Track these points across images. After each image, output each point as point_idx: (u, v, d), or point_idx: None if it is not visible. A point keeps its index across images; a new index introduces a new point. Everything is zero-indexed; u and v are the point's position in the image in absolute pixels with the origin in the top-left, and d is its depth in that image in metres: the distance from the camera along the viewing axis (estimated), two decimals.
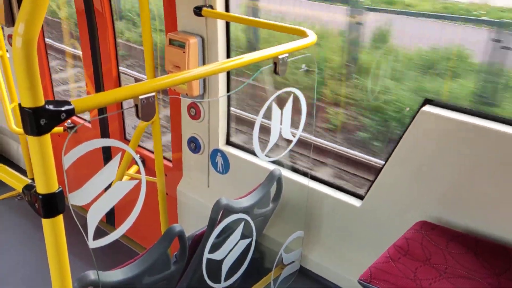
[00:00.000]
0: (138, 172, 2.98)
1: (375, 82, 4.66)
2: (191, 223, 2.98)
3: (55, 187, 1.15)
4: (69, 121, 3.87)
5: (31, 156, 1.13)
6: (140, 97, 1.30)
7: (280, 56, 1.68)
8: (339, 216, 2.31)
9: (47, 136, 1.11)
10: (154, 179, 2.70)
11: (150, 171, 3.01)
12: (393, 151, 2.01)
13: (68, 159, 1.19)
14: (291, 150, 2.01)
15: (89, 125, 3.78)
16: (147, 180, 1.41)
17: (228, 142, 2.80)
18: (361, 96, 4.70)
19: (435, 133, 1.88)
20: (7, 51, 3.77)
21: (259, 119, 1.74)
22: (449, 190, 1.90)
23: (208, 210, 1.97)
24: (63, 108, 1.11)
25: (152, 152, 3.52)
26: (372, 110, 4.62)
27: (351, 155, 4.35)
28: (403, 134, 1.96)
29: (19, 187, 1.24)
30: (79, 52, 6.07)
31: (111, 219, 3.71)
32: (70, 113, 1.13)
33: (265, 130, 1.81)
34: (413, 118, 1.91)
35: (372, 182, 2.13)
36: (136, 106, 1.33)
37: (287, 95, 1.83)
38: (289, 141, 1.97)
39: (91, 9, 3.26)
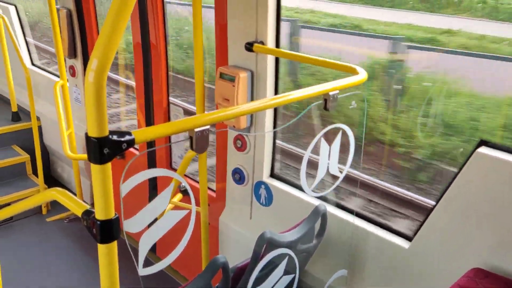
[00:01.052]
0: (181, 200, 3.04)
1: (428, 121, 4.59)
2: (232, 254, 2.98)
3: (112, 214, 1.20)
4: None
5: (92, 183, 1.18)
6: (196, 130, 1.35)
7: (330, 93, 1.70)
8: (386, 257, 2.24)
9: (109, 165, 1.17)
10: (197, 208, 2.73)
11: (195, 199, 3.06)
12: (445, 191, 1.95)
13: (126, 187, 1.24)
14: (337, 186, 1.99)
15: (137, 152, 3.91)
16: (189, 209, 1.43)
17: (272, 175, 2.81)
18: (412, 133, 4.62)
19: (491, 176, 1.82)
20: (67, 80, 4.01)
21: (307, 154, 1.75)
22: (505, 236, 1.81)
23: (250, 242, 1.97)
24: (124, 139, 1.17)
25: (194, 180, 3.59)
26: (423, 148, 4.53)
27: (399, 193, 4.24)
28: (456, 175, 1.91)
29: (78, 212, 1.30)
30: (129, 82, 6.35)
31: (152, 246, 3.76)
32: (130, 143, 1.19)
33: (309, 164, 1.82)
34: (468, 158, 1.86)
35: (422, 223, 2.07)
36: (191, 138, 1.37)
37: (336, 131, 1.83)
38: (336, 177, 1.95)
39: (147, 42, 3.43)
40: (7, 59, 4.69)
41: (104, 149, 1.13)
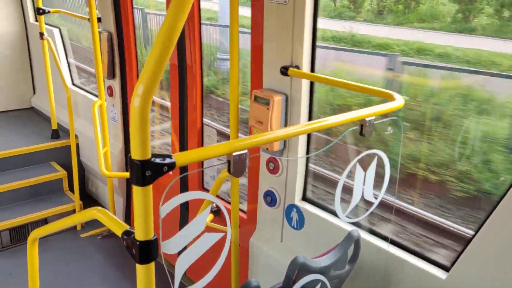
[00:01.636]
0: (212, 221, 3.06)
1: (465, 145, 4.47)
2: (262, 277, 2.96)
3: (151, 235, 1.22)
4: None
5: (134, 204, 1.22)
6: (234, 154, 1.37)
7: (367, 119, 1.70)
8: (421, 287, 2.18)
9: (150, 187, 1.20)
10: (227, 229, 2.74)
11: (223, 220, 3.08)
12: (485, 221, 1.90)
13: (165, 209, 1.27)
14: (371, 212, 1.97)
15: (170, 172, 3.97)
16: (220, 230, 1.45)
17: (305, 198, 2.80)
18: (449, 158, 4.51)
19: None
20: (105, 100, 4.15)
21: (342, 180, 1.74)
22: None
23: (280, 265, 1.96)
24: (165, 162, 1.20)
25: (224, 199, 3.61)
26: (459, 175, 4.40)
27: (434, 221, 4.13)
28: (497, 204, 1.85)
29: (118, 232, 1.33)
30: (163, 102, 6.48)
31: None
32: (171, 166, 1.22)
33: (334, 186, 1.80)
34: (510, 187, 1.80)
35: (460, 252, 2.01)
36: (228, 162, 1.40)
37: (371, 157, 1.82)
38: (370, 203, 1.93)
39: (183, 63, 3.52)
40: (49, 79, 4.91)
41: (147, 171, 1.16)
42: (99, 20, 4.02)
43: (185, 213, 3.75)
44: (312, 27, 2.44)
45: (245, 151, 1.39)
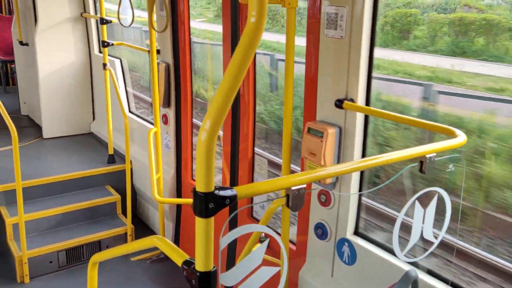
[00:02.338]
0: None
1: None
2: None
3: (211, 266, 1.24)
4: None
5: (196, 235, 1.25)
6: (293, 188, 1.38)
7: (427, 155, 1.67)
8: None
9: (212, 219, 1.23)
10: (277, 261, 2.72)
11: (272, 251, 3.06)
12: None
13: (225, 240, 1.29)
14: (431, 252, 1.90)
15: None
16: (270, 261, 1.44)
17: (357, 232, 2.74)
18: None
19: None
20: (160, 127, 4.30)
21: (400, 217, 1.70)
22: None
23: None
24: (228, 194, 1.23)
25: (272, 228, 3.59)
26: None
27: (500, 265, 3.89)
28: None
29: (178, 262, 1.36)
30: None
31: None
32: (233, 199, 1.24)
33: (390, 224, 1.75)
34: None
35: None
36: (287, 196, 1.41)
37: (431, 194, 1.77)
38: (430, 242, 1.87)
39: (237, 92, 3.60)
40: (109, 107, 5.16)
41: (210, 204, 1.19)
42: (158, 52, 4.21)
43: (233, 242, 3.76)
44: (368, 60, 2.44)
45: (304, 185, 1.40)
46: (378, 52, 2.46)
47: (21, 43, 6.49)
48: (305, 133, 2.70)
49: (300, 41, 2.86)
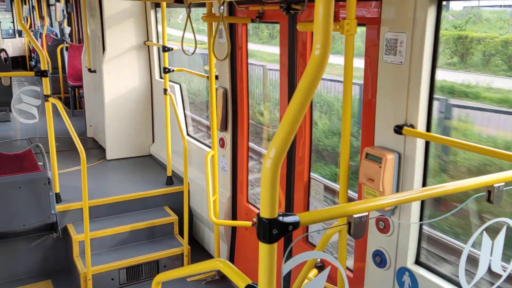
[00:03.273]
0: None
1: None
2: None
3: None
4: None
5: (259, 261, 1.27)
6: (354, 216, 1.38)
7: (495, 185, 1.61)
8: None
9: (275, 245, 1.25)
10: None
11: (328, 278, 3.02)
12: None
13: (288, 267, 1.31)
14: (499, 286, 1.80)
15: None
16: None
17: (418, 261, 2.65)
18: None
19: None
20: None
21: (467, 248, 1.64)
22: None
23: None
24: (291, 221, 1.26)
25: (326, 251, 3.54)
26: None
27: None
28: None
29: (241, 286, 1.39)
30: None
31: None
32: (296, 225, 1.26)
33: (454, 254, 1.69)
34: None
35: None
36: (349, 224, 1.41)
37: (500, 226, 1.70)
38: (498, 275, 1.78)
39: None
40: (168, 130, 5.37)
41: (273, 230, 1.22)
42: (216, 77, 4.36)
43: None
44: (429, 85, 2.41)
45: (366, 213, 1.39)
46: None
47: (89, 70, 6.94)
48: (363, 158, 2.68)
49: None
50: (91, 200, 4.75)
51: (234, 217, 4.69)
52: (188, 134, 5.74)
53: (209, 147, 5.17)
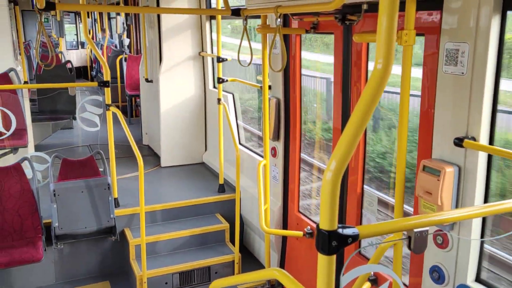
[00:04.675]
0: None
1: None
2: None
3: None
4: (308, 227, 4.20)
5: (318, 272, 1.28)
6: (415, 230, 1.36)
7: None
8: None
9: (334, 257, 1.26)
10: None
11: None
12: None
13: (346, 279, 1.31)
14: None
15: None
16: None
17: (479, 279, 2.54)
18: None
19: None
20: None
21: None
22: None
23: None
24: (350, 233, 1.26)
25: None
26: None
27: None
28: None
29: None
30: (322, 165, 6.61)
31: None
32: (355, 238, 1.27)
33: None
34: None
35: None
36: (409, 238, 1.39)
37: None
38: None
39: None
40: (221, 139, 5.48)
41: (333, 241, 1.23)
42: (269, 87, 4.41)
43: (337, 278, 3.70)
44: (492, 97, 2.32)
45: (427, 228, 1.37)
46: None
47: (146, 80, 7.23)
48: (419, 171, 2.62)
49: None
50: (147, 205, 4.92)
51: (284, 227, 4.70)
52: (240, 143, 5.83)
53: (261, 156, 5.22)
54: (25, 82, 6.94)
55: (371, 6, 2.91)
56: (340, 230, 1.24)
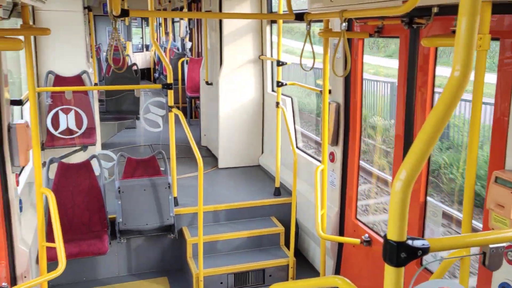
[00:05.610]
0: None
1: None
2: None
3: None
4: (366, 235, 4.10)
5: (385, 283, 1.25)
6: (491, 246, 1.29)
7: None
8: None
9: (403, 269, 1.22)
10: None
11: None
12: None
13: None
14: None
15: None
16: None
17: None
18: None
19: None
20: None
21: None
22: None
23: None
24: (420, 245, 1.21)
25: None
26: None
27: None
28: None
29: None
30: (382, 174, 6.46)
31: None
32: (425, 251, 1.22)
33: None
34: None
35: None
36: (484, 254, 1.32)
37: None
38: None
39: (411, 135, 3.50)
40: (278, 142, 5.49)
41: (401, 253, 1.19)
42: (329, 92, 4.36)
43: None
44: None
45: (504, 244, 1.29)
46: None
47: (206, 82, 7.40)
48: (491, 182, 2.48)
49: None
50: (204, 205, 5.03)
51: (341, 233, 4.62)
52: (297, 147, 5.82)
53: (318, 160, 5.17)
54: (95, 84, 7.34)
55: (441, 9, 2.80)
56: (409, 242, 1.20)
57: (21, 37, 3.14)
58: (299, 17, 3.85)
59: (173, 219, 4.74)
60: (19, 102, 4.07)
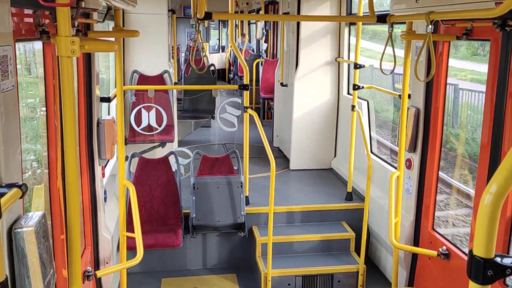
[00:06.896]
0: None
1: None
2: None
3: None
4: (444, 247, 3.89)
5: None
6: None
7: None
8: None
9: (488, 287, 1.15)
10: None
11: None
12: None
13: None
14: None
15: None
16: None
17: None
18: None
19: None
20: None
21: None
22: None
23: None
24: (509, 264, 1.14)
25: None
26: None
27: None
28: None
29: None
30: (464, 188, 6.09)
31: None
32: None
33: None
34: None
35: None
36: None
37: None
38: None
39: (498, 144, 3.27)
40: (352, 146, 5.39)
41: (488, 271, 1.13)
42: (408, 96, 4.20)
43: None
44: None
45: None
46: None
47: (281, 84, 7.44)
48: None
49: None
50: (275, 206, 5.07)
51: (416, 243, 4.43)
52: (371, 152, 5.67)
53: (393, 167, 5.00)
54: (175, 83, 7.68)
55: None
56: (498, 259, 1.13)
57: (111, 39, 3.36)
58: (381, 19, 3.74)
59: (244, 218, 4.82)
60: (107, 99, 4.36)
